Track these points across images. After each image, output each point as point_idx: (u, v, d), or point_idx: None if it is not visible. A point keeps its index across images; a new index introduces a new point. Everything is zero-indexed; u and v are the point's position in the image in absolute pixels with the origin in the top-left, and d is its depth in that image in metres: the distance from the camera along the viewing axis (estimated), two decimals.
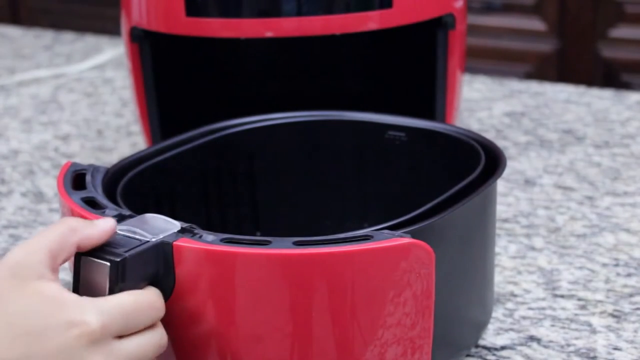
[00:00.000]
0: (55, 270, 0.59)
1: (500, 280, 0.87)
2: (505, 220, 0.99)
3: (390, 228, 0.63)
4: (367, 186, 0.88)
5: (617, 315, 0.82)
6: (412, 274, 0.62)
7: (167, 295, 0.62)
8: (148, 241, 0.62)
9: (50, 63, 1.55)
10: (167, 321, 0.63)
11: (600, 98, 1.32)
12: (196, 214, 0.84)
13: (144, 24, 0.98)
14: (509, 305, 0.84)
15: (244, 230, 0.87)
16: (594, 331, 0.80)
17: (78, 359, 0.57)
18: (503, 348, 0.78)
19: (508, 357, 0.77)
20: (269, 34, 0.93)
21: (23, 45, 1.66)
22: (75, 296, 0.58)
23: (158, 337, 0.61)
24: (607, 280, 0.87)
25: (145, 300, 0.60)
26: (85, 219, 0.62)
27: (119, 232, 0.63)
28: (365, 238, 0.61)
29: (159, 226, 0.63)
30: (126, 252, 0.60)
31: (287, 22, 0.93)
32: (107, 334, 0.58)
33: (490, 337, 0.79)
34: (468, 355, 0.77)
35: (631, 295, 0.85)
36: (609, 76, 2.11)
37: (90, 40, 1.67)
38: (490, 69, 2.09)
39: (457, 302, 0.70)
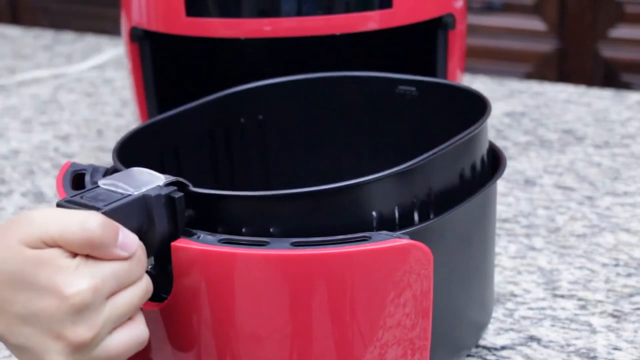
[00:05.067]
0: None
1: (500, 280, 0.87)
2: (505, 220, 0.98)
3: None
4: (379, 141, 0.87)
5: (617, 315, 0.82)
6: (410, 275, 0.62)
7: (165, 295, 0.62)
8: (129, 195, 0.60)
9: (50, 63, 1.55)
10: (166, 322, 0.63)
11: (600, 98, 1.32)
12: (204, 172, 0.83)
13: (144, 24, 0.98)
14: (509, 305, 0.84)
15: (253, 187, 0.87)
16: (594, 331, 0.80)
17: (69, 324, 0.56)
18: (503, 348, 0.78)
19: (508, 357, 0.77)
20: (269, 34, 0.93)
21: (23, 45, 1.66)
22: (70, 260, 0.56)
23: (144, 289, 0.59)
24: (607, 280, 0.87)
25: (135, 258, 0.59)
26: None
27: (102, 185, 0.61)
28: (364, 239, 0.61)
29: (144, 180, 0.62)
30: (106, 205, 0.59)
31: (287, 22, 0.93)
32: (100, 296, 0.56)
33: (490, 337, 0.79)
34: (468, 356, 0.77)
35: (631, 295, 0.85)
36: (609, 76, 2.11)
37: (90, 40, 1.67)
38: (490, 69, 2.09)
39: (457, 302, 0.70)
